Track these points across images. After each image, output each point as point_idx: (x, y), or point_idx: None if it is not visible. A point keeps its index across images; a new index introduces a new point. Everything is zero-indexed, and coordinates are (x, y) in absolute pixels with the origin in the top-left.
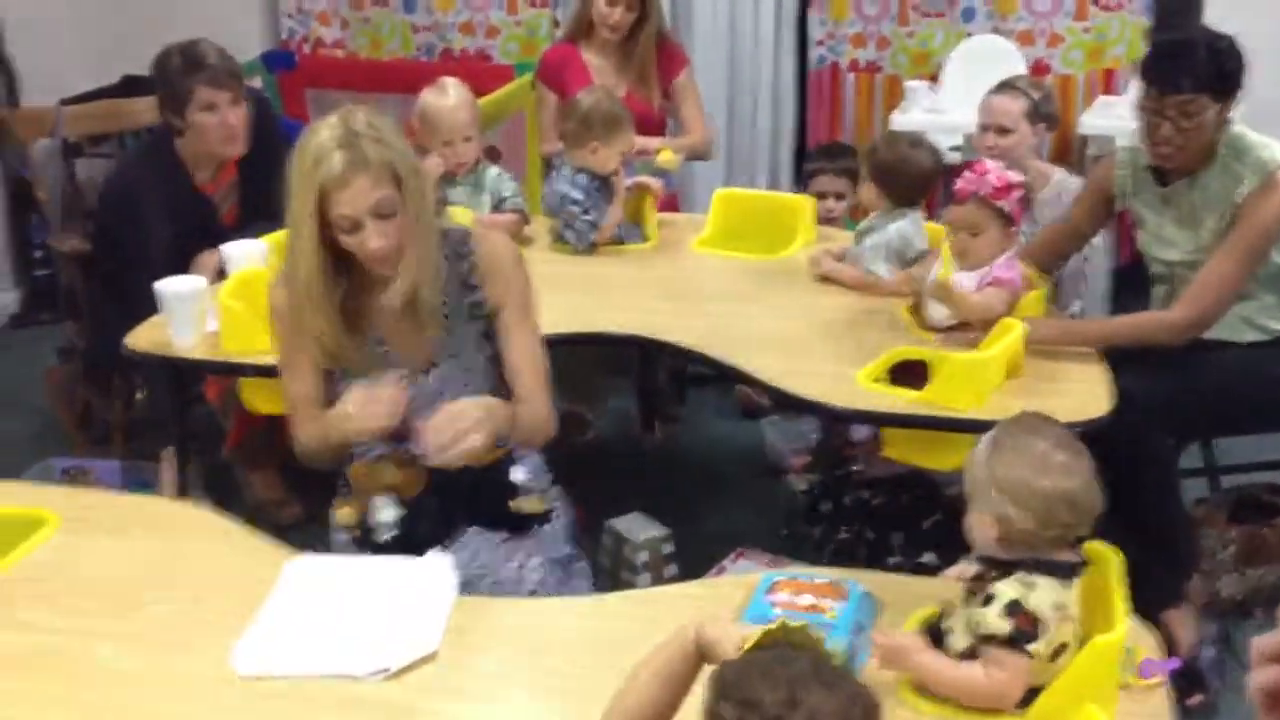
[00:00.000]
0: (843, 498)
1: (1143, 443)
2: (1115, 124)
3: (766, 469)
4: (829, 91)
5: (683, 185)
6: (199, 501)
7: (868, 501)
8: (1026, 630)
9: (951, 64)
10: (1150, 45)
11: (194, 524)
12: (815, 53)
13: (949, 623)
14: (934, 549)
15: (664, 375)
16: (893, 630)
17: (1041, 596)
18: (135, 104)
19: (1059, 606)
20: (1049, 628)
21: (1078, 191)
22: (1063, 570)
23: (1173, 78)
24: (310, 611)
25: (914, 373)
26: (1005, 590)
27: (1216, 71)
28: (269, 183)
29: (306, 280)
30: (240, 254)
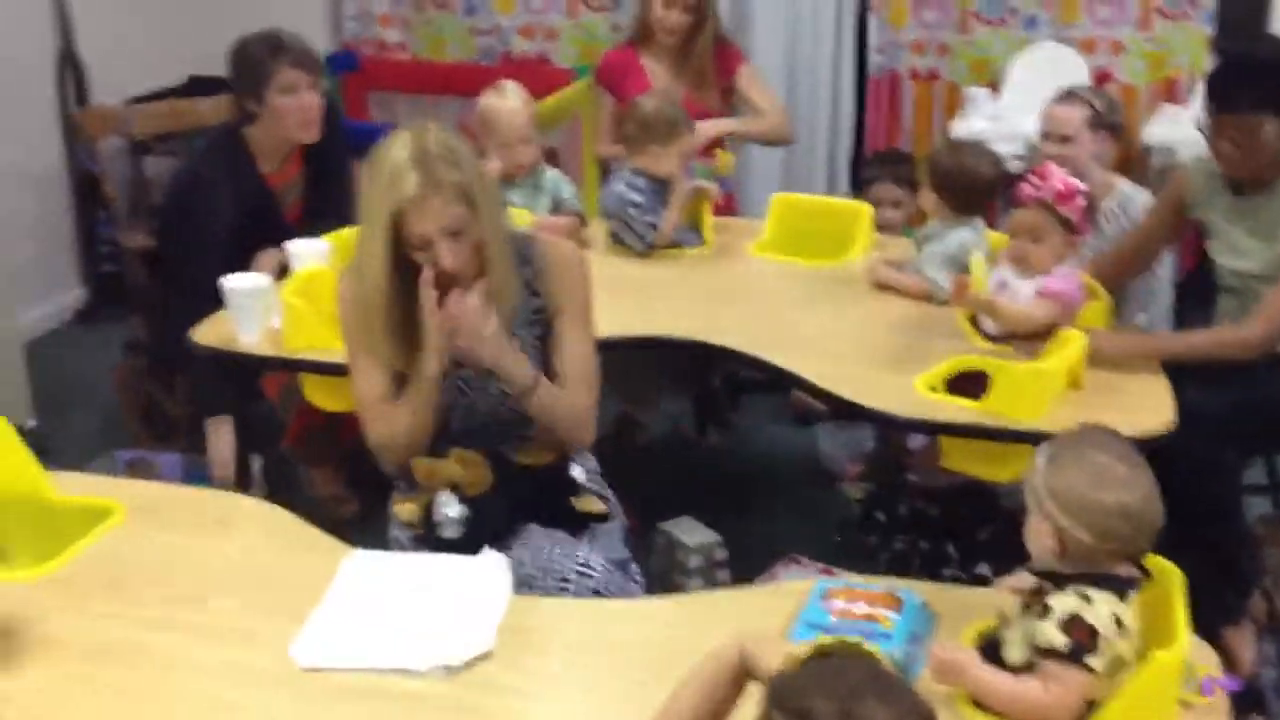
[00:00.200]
0: (897, 507)
1: (1205, 458)
2: (1179, 134)
3: (820, 476)
4: (887, 98)
5: (739, 186)
6: (258, 495)
7: (923, 511)
8: (1084, 644)
9: (1014, 71)
10: (1218, 58)
11: (254, 518)
12: (875, 60)
13: (1005, 633)
14: (990, 560)
15: (718, 380)
16: (951, 643)
17: (1099, 610)
18: (201, 104)
19: (1117, 621)
20: (1107, 642)
21: (1143, 203)
22: (1120, 585)
23: (1232, 96)
24: (370, 606)
25: (973, 382)
26: (1063, 603)
27: (1278, 89)
28: (333, 181)
29: (373, 291)
30: (305, 252)
